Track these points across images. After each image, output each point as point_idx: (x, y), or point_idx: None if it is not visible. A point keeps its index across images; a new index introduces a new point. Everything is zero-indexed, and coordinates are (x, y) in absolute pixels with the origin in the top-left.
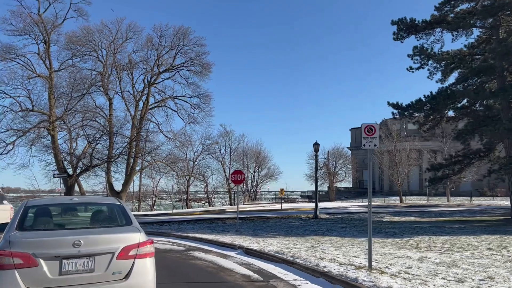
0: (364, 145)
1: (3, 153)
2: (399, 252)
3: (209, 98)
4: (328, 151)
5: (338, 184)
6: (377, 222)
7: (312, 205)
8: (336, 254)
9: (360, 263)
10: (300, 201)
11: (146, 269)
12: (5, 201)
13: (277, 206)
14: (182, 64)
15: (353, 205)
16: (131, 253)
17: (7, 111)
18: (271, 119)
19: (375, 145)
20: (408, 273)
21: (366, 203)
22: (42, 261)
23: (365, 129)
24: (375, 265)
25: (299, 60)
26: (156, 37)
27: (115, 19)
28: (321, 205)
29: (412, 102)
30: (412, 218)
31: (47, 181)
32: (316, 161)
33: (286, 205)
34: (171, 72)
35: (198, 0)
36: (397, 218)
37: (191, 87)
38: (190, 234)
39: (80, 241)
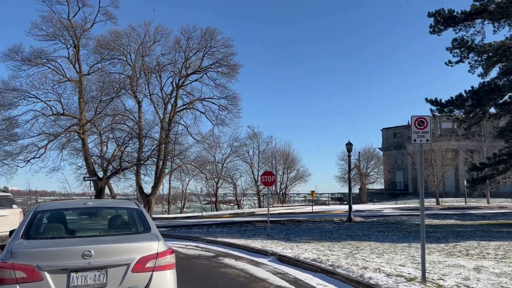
0: (414, 140)
1: (36, 157)
2: (449, 260)
3: (237, 100)
4: (359, 152)
5: (370, 186)
6: (415, 225)
7: (344, 207)
8: (379, 263)
9: (410, 274)
10: (331, 204)
11: (166, 283)
12: (14, 205)
13: (308, 209)
14: (209, 66)
15: (387, 207)
16: (149, 264)
17: (39, 115)
18: (300, 121)
19: (427, 140)
20: (468, 287)
21: (401, 205)
22: (47, 275)
23: (416, 122)
24: (427, 276)
25: (328, 60)
26: (184, 39)
27: (143, 22)
28: (354, 207)
29: (452, 97)
30: (453, 221)
31: (79, 184)
32: (349, 162)
33: (316, 208)
34: (198, 74)
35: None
36: (436, 221)
37: (219, 88)
38: (219, 239)
39: (90, 252)
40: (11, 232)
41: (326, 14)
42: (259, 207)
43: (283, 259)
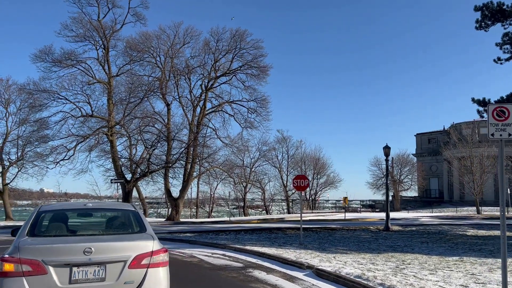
0: (492, 134)
1: (65, 158)
2: None
3: (266, 102)
4: (393, 157)
5: (403, 193)
6: (460, 236)
7: (377, 215)
8: (435, 282)
9: None
10: (362, 211)
11: (160, 279)
12: None
13: (339, 216)
14: (239, 68)
15: (423, 215)
16: (144, 262)
17: (68, 117)
18: (330, 126)
19: (509, 135)
20: None
21: (437, 214)
22: (51, 269)
23: (494, 112)
24: None
25: (361, 65)
26: (213, 41)
27: (173, 24)
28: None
29: (502, 97)
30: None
31: (108, 187)
32: (387, 167)
33: (348, 215)
34: (228, 76)
35: (255, 3)
36: (482, 232)
37: (248, 90)
38: (248, 247)
39: (91, 249)
40: (13, 232)
41: (358, 22)
42: (288, 213)
43: (321, 274)
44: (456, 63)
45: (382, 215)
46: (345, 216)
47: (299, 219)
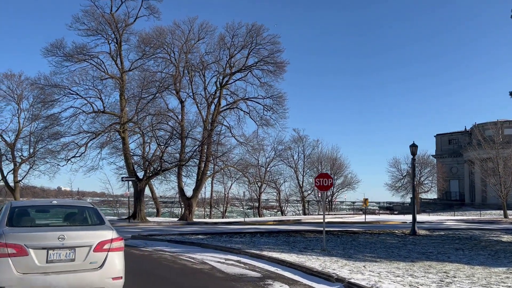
0: None
1: (76, 155)
2: None
3: (283, 99)
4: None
5: (423, 196)
6: (495, 242)
7: (397, 217)
8: None
9: None
10: (381, 213)
11: (117, 261)
12: None
13: (357, 218)
14: (254, 64)
15: (446, 219)
16: (105, 247)
17: (79, 113)
18: (346, 127)
19: None
20: None
21: (461, 217)
22: (32, 251)
23: None
24: None
25: (378, 66)
26: (229, 36)
27: (187, 18)
28: (407, 218)
29: None
30: None
31: (121, 186)
32: (413, 166)
33: (368, 217)
34: (243, 72)
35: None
36: None
37: (264, 87)
38: (265, 253)
39: (64, 236)
40: None
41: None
42: (304, 214)
43: None
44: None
45: (403, 217)
46: (365, 219)
47: (317, 221)
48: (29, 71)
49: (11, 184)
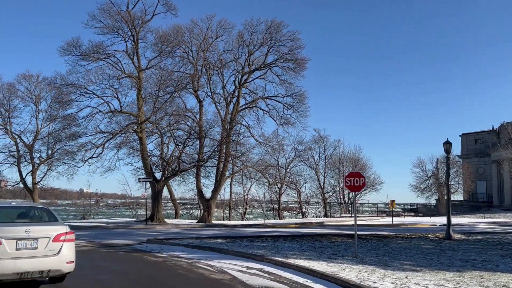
0: None
1: (93, 156)
2: None
3: (303, 97)
4: (438, 158)
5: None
6: None
7: (423, 220)
8: None
9: None
10: (405, 215)
11: (69, 249)
12: None
13: (382, 220)
14: (274, 61)
15: (477, 221)
16: (61, 238)
17: (96, 112)
18: (367, 128)
19: None
20: None
21: (490, 220)
22: (4, 241)
23: None
24: None
25: (404, 66)
26: (247, 33)
27: (205, 16)
28: (435, 220)
29: None
30: None
31: (139, 187)
32: (448, 165)
33: (392, 220)
34: (262, 70)
35: None
36: None
37: (284, 85)
38: (291, 260)
39: (29, 230)
40: None
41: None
42: (325, 216)
43: None
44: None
45: (430, 220)
46: (392, 221)
47: (340, 223)
48: (46, 72)
49: (30, 185)
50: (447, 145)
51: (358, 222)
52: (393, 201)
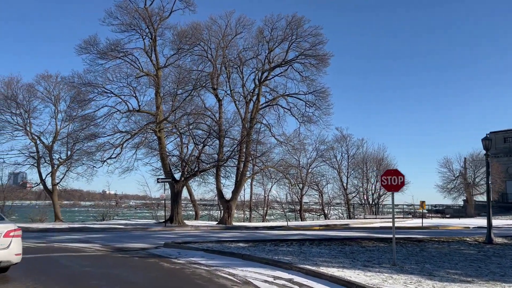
0: None
1: (112, 156)
2: None
3: (326, 94)
4: (465, 158)
5: (478, 198)
6: None
7: (453, 221)
8: None
9: None
10: (432, 216)
11: (17, 244)
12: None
13: (409, 222)
14: (295, 58)
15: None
16: (11, 234)
17: (114, 112)
18: (392, 128)
19: None
20: None
21: None
22: None
23: None
24: None
25: (432, 65)
26: (267, 29)
27: (224, 13)
28: (466, 222)
29: None
30: None
31: (158, 188)
32: (487, 164)
33: (418, 221)
34: (283, 67)
35: None
36: None
37: (306, 82)
38: (323, 269)
39: None
40: None
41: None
42: (349, 218)
43: None
44: None
45: (459, 221)
46: (422, 223)
47: (366, 226)
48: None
49: (49, 187)
50: (486, 141)
51: (383, 224)
52: (423, 202)
